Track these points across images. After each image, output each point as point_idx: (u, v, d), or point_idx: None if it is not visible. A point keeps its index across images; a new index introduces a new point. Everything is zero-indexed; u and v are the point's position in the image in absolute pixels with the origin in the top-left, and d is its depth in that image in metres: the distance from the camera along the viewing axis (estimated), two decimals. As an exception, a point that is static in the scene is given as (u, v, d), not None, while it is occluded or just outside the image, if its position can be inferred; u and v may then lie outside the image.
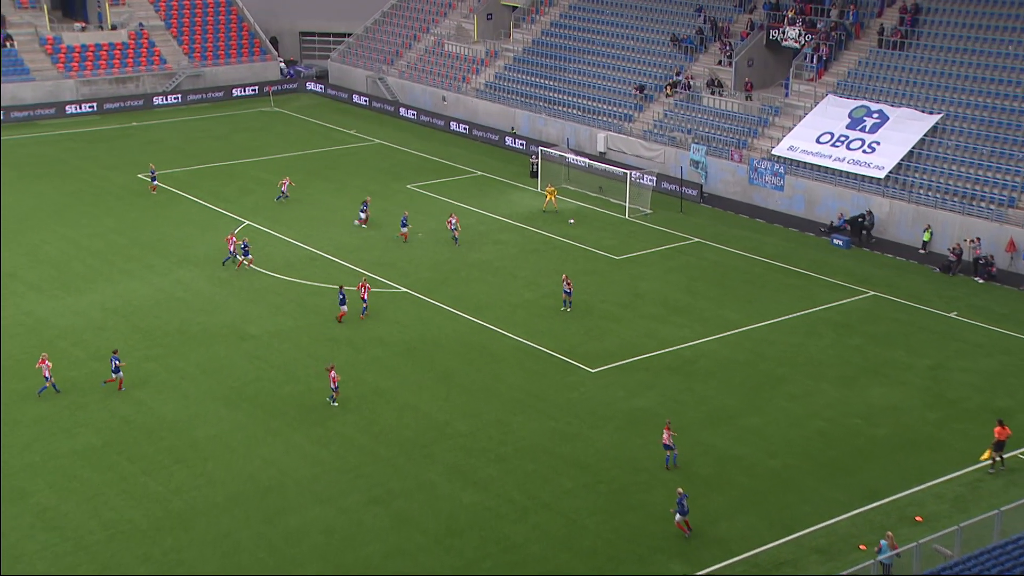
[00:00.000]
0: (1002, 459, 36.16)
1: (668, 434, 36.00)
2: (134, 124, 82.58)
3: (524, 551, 32.06)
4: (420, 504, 34.16)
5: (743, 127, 67.21)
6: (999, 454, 36.07)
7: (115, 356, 41.16)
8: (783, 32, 69.85)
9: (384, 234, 58.21)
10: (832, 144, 61.82)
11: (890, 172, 59.02)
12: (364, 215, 59.22)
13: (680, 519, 32.47)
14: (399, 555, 31.79)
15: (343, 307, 46.90)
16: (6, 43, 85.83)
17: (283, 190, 63.80)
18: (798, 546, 32.25)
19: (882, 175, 59.08)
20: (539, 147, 69.72)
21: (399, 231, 57.27)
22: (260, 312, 48.29)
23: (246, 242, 53.49)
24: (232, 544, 32.17)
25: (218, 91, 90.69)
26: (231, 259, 53.19)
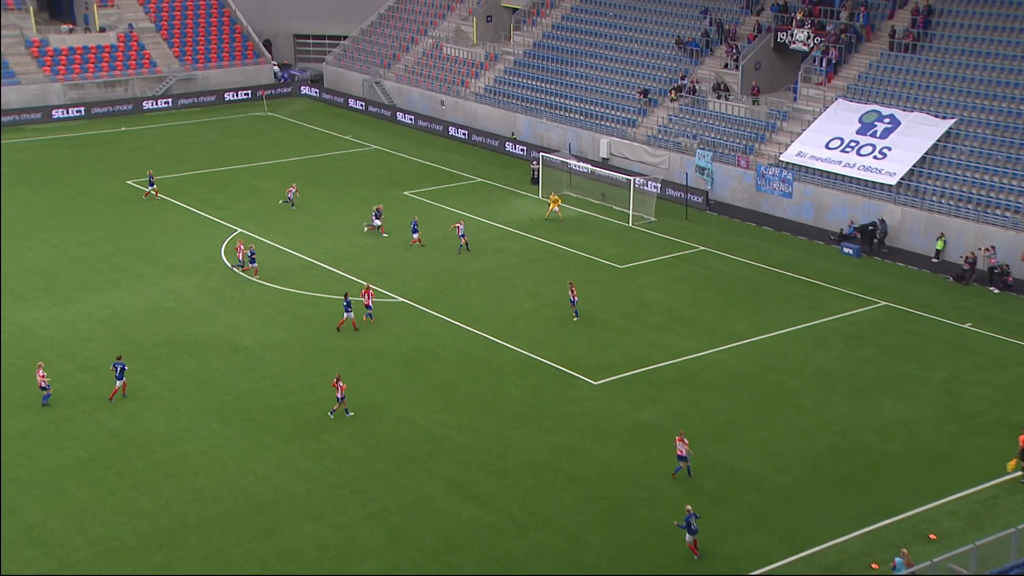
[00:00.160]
0: None
1: (683, 444, 35.42)
2: (123, 129, 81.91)
3: (524, 568, 31.85)
4: (417, 520, 33.84)
5: (750, 132, 66.50)
6: (1025, 462, 35.67)
7: (119, 362, 40.61)
8: (791, 35, 69.19)
9: (380, 242, 57.67)
10: (842, 150, 61.08)
11: (902, 179, 58.32)
12: (378, 222, 58.55)
13: (689, 539, 31.91)
14: (396, 573, 31.45)
15: (347, 314, 46.36)
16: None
17: (289, 196, 63.30)
18: (808, 564, 31.92)
19: (893, 182, 58.36)
20: (540, 153, 69.31)
21: (411, 238, 56.81)
22: (252, 322, 47.80)
23: (252, 249, 53.23)
24: (223, 562, 31.93)
25: (210, 95, 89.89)
26: (240, 266, 52.88)
